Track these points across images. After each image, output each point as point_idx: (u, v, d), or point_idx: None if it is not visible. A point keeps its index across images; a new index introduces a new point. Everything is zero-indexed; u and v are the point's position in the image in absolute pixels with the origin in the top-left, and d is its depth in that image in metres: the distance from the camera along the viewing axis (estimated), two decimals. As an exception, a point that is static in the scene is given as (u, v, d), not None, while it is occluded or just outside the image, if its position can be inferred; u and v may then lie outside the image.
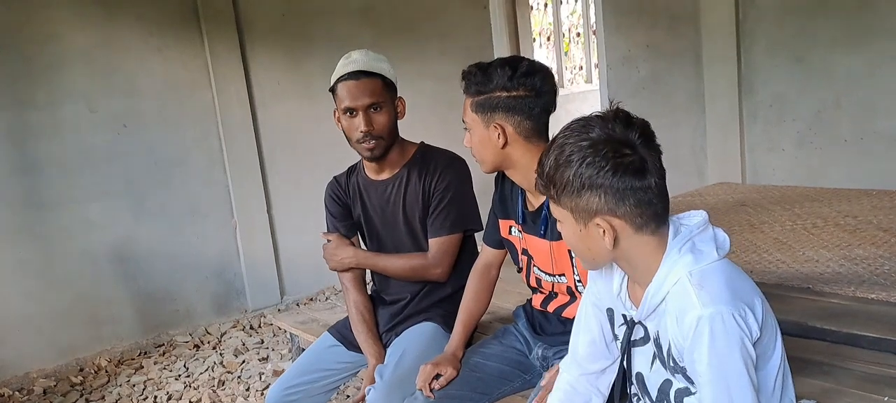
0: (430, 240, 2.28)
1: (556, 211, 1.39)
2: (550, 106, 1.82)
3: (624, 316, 1.47)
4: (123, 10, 4.28)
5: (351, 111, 2.18)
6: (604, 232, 1.32)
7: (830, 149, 4.50)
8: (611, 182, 1.28)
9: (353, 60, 2.19)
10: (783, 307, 2.42)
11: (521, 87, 1.77)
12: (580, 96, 9.27)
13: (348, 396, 3.35)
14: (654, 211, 1.32)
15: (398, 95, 2.27)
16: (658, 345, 1.40)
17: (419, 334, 2.26)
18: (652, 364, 1.43)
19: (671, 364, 1.37)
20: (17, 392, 3.92)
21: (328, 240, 2.44)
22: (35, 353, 4.11)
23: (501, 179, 2.04)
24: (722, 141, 5.02)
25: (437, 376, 1.98)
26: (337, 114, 2.26)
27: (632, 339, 1.46)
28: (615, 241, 1.33)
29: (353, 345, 2.37)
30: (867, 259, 2.73)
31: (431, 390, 1.96)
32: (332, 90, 2.22)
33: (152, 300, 4.49)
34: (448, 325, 2.24)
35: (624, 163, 1.28)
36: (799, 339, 2.18)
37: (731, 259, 1.37)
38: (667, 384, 1.40)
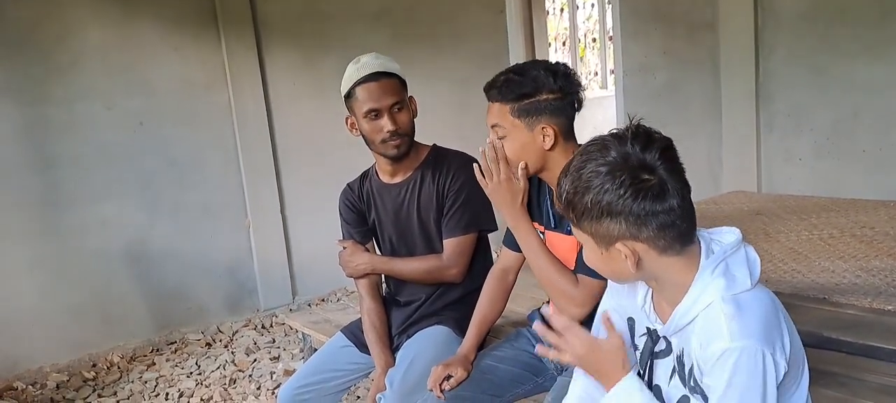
0: (444, 241, 2.28)
1: (577, 234, 1.36)
2: (579, 104, 1.85)
3: (647, 329, 1.45)
4: (141, 9, 4.31)
5: (375, 112, 2.18)
6: (626, 256, 1.29)
7: (848, 159, 4.46)
8: (630, 207, 1.24)
9: (367, 63, 2.19)
10: (799, 317, 2.39)
11: (562, 90, 1.80)
12: (595, 102, 9.22)
13: (359, 397, 3.35)
14: (678, 232, 1.29)
15: (409, 94, 2.28)
16: (680, 363, 1.38)
17: (430, 338, 2.25)
18: (671, 378, 1.41)
19: (691, 383, 1.35)
20: (30, 387, 3.95)
21: (343, 248, 2.44)
22: (49, 348, 4.14)
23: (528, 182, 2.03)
24: (738, 149, 4.98)
25: (448, 377, 1.98)
26: (351, 120, 2.27)
27: (654, 351, 1.44)
28: (638, 264, 1.30)
29: (365, 346, 2.37)
30: (884, 270, 2.70)
31: (442, 391, 1.95)
32: (349, 95, 2.22)
33: (165, 298, 4.51)
34: (460, 329, 2.24)
35: (643, 188, 1.24)
36: (814, 350, 2.16)
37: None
38: (684, 399, 1.38)
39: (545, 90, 1.78)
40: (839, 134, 4.49)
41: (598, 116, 9.10)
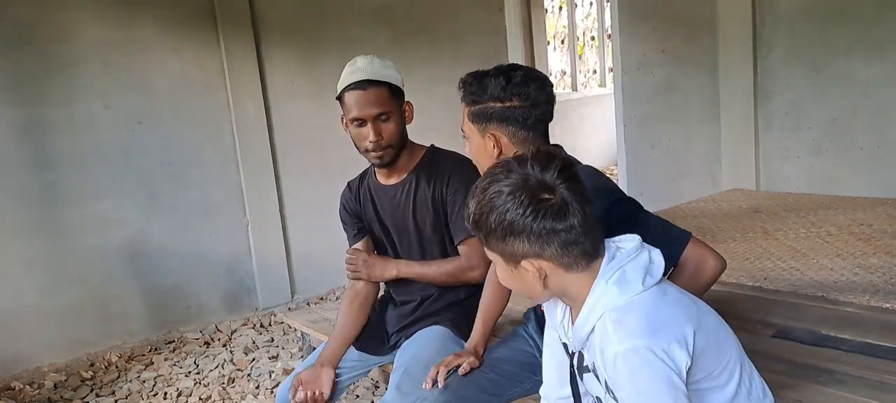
0: (457, 246, 2.26)
1: (488, 253, 1.39)
2: (547, 115, 1.81)
3: (563, 344, 1.49)
4: (140, 10, 4.30)
5: (359, 121, 2.16)
6: (532, 273, 1.31)
7: (846, 157, 4.47)
8: (531, 226, 1.27)
9: (359, 68, 2.16)
10: (797, 314, 2.41)
11: (516, 97, 1.76)
12: (594, 100, 9.24)
13: (358, 396, 3.36)
14: (582, 249, 1.30)
15: (406, 100, 2.25)
16: (596, 375, 1.39)
17: (429, 338, 2.25)
18: (606, 391, 1.42)
19: (611, 395, 1.36)
20: (28, 386, 3.94)
21: (364, 260, 2.38)
22: (46, 347, 4.13)
23: None
24: (737, 147, 4.99)
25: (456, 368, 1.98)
26: (345, 120, 2.26)
27: (579, 365, 1.45)
28: (545, 281, 1.32)
29: (362, 345, 2.38)
30: (882, 267, 2.71)
31: (446, 380, 1.95)
32: (339, 98, 2.21)
33: (164, 296, 4.51)
34: (458, 329, 2.24)
35: (543, 207, 1.26)
36: (812, 347, 2.16)
37: (746, 267, 1.36)
38: None
39: (494, 97, 1.77)
40: (837, 131, 4.49)
41: (597, 115, 9.12)
